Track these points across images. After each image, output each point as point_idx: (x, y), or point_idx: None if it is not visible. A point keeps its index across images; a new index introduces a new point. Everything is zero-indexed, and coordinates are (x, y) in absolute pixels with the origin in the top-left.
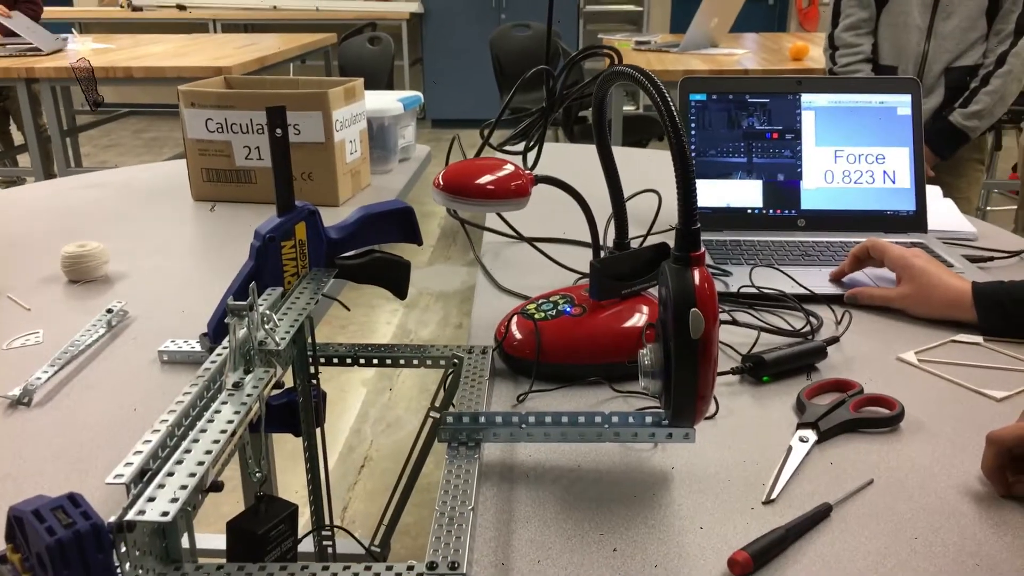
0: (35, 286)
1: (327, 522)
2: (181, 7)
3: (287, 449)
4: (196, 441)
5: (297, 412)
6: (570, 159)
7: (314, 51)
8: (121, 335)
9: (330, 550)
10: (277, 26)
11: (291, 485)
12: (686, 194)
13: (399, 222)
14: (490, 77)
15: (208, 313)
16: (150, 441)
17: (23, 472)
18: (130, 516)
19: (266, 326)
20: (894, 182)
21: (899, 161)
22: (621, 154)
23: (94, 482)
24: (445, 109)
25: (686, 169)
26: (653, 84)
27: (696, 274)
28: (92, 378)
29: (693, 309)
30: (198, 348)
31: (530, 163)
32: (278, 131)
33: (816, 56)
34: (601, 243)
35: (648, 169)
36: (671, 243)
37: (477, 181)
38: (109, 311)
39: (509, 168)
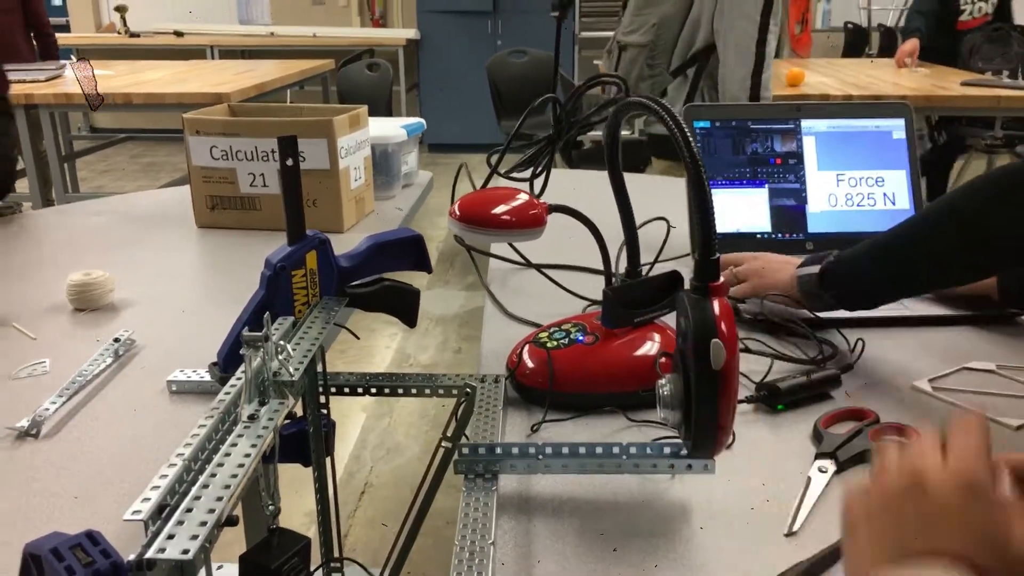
0: (40, 315)
1: (336, 554)
2: (179, 33)
3: (284, 478)
4: (214, 476)
5: (306, 442)
6: (574, 185)
7: (312, 77)
8: (129, 364)
9: None
10: (274, 52)
11: (290, 514)
12: (704, 224)
13: (409, 250)
14: (486, 102)
15: (215, 341)
16: (167, 476)
17: (33, 506)
18: (150, 554)
19: (280, 356)
20: (894, 204)
21: (898, 184)
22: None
23: (107, 516)
24: (442, 134)
25: (704, 199)
26: (669, 114)
27: (716, 305)
28: (101, 409)
29: (714, 340)
30: (207, 378)
31: (537, 190)
32: (289, 160)
33: (813, 82)
34: (612, 271)
35: (651, 195)
36: (680, 270)
37: (494, 211)
38: (116, 340)
39: (523, 198)
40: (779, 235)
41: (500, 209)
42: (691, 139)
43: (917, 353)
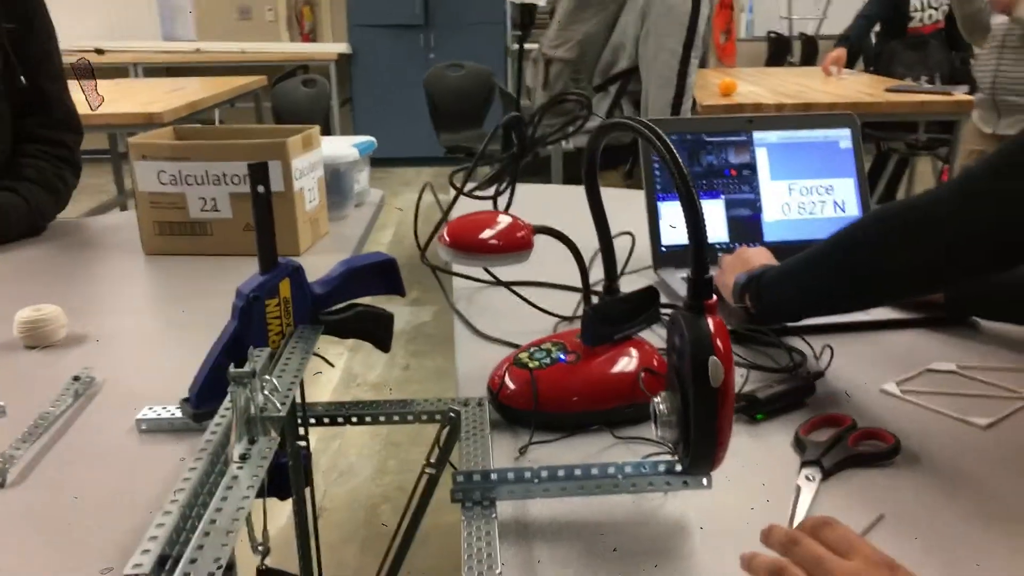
0: None
1: None
2: (99, 51)
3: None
4: (214, 521)
5: (283, 474)
6: (534, 199)
7: (244, 95)
8: (91, 403)
9: None
10: (201, 69)
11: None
12: (697, 244)
13: (382, 275)
14: (421, 116)
15: (180, 375)
16: (163, 524)
17: (11, 562)
18: None
19: (266, 391)
20: (844, 211)
21: (846, 191)
22: (574, 192)
23: (94, 566)
24: (378, 149)
25: (696, 220)
26: (658, 137)
27: (710, 322)
28: (68, 453)
29: (712, 358)
30: (178, 415)
31: (501, 207)
32: (260, 187)
33: (745, 91)
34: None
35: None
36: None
37: (483, 237)
38: (76, 378)
39: (508, 220)
40: (736, 245)
41: (489, 234)
42: (680, 160)
43: (879, 357)
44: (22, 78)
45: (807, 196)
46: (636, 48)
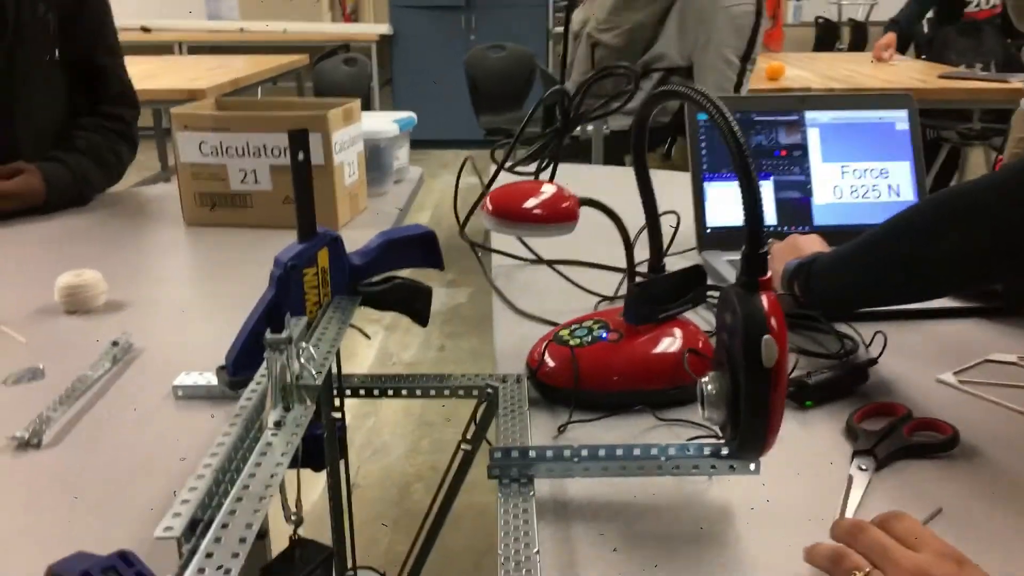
0: (31, 318)
1: (350, 564)
2: (146, 29)
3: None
4: (247, 487)
5: (318, 446)
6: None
7: (285, 73)
8: (129, 368)
9: None
10: (244, 48)
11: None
12: (753, 218)
13: (421, 247)
14: (462, 98)
15: (216, 343)
16: (196, 488)
17: (44, 522)
18: (188, 575)
19: (302, 359)
20: (899, 195)
21: (902, 175)
22: (616, 173)
23: (129, 531)
24: (416, 129)
25: (752, 193)
26: (712, 104)
27: (764, 300)
28: (104, 415)
29: (765, 336)
30: (215, 382)
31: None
32: (300, 155)
33: (793, 76)
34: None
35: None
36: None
37: (527, 206)
38: (115, 343)
39: (553, 189)
40: (785, 228)
41: (532, 202)
42: (737, 131)
43: (934, 346)
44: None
45: (860, 179)
46: (678, 55)
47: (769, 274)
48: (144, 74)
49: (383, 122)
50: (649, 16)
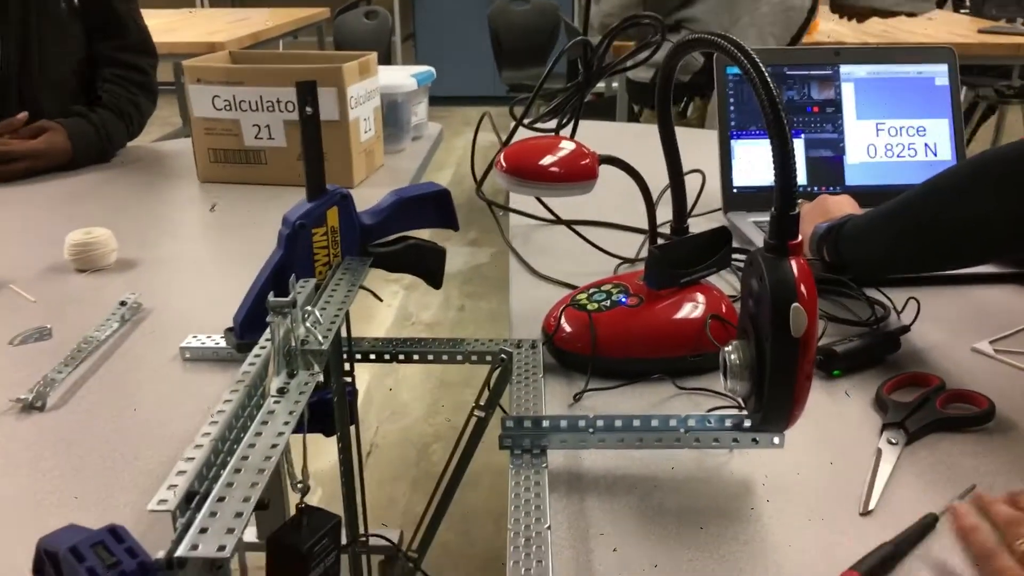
0: (40, 276)
1: (362, 530)
2: None
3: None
4: (246, 458)
5: (328, 411)
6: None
7: (307, 26)
8: (137, 329)
9: (365, 559)
10: (266, 1)
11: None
12: (784, 176)
13: (435, 206)
14: (484, 53)
15: (226, 304)
16: (193, 458)
17: (44, 488)
18: (181, 552)
19: (307, 323)
20: (936, 155)
21: (940, 133)
22: (640, 130)
23: (126, 500)
24: (439, 86)
25: (785, 150)
26: (744, 53)
27: (794, 265)
28: (109, 377)
29: (794, 304)
30: (222, 344)
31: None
32: (308, 108)
33: (826, 30)
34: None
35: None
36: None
37: (543, 163)
38: (123, 303)
39: (571, 146)
40: (815, 188)
41: (549, 160)
42: (771, 84)
43: (970, 313)
44: None
45: (896, 137)
46: (716, 24)
47: (800, 238)
48: (164, 27)
49: (400, 76)
50: None
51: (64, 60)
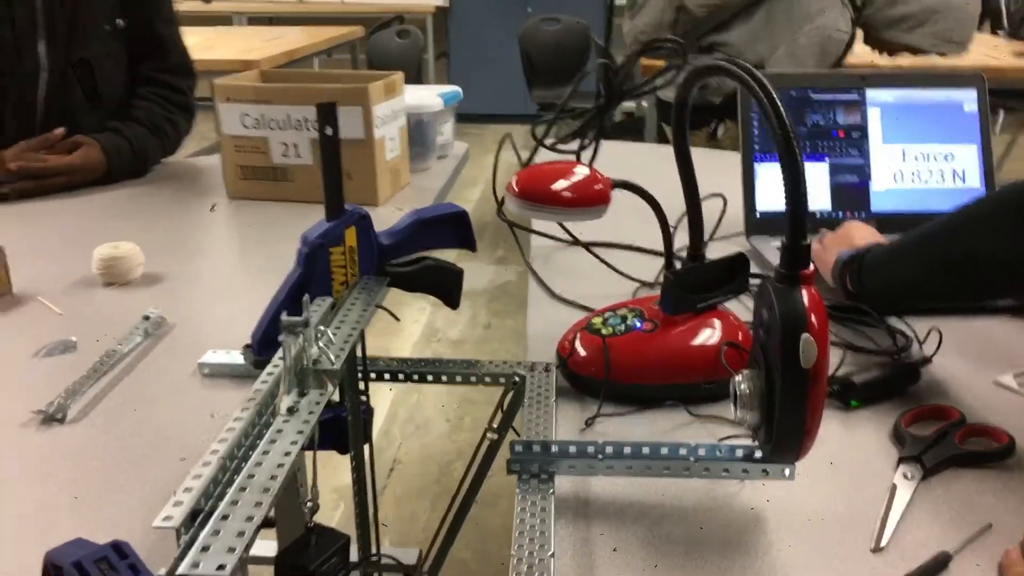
0: (68, 289)
1: (374, 550)
2: (206, 0)
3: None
4: (251, 476)
5: (342, 429)
6: (621, 156)
7: (341, 45)
8: (159, 344)
9: None
10: (302, 19)
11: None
12: (795, 205)
13: (453, 227)
14: (516, 72)
15: (248, 320)
16: (200, 476)
17: (57, 500)
18: (182, 570)
19: (320, 343)
20: (964, 181)
21: (968, 159)
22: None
23: (136, 515)
24: (470, 104)
25: (795, 176)
26: (756, 81)
27: (805, 295)
28: (130, 392)
29: (804, 335)
30: (241, 360)
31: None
32: (328, 129)
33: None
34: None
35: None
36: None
37: (555, 188)
38: (146, 318)
39: (585, 172)
40: (840, 214)
41: (562, 185)
42: (783, 110)
43: (993, 345)
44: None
45: (923, 163)
46: (750, 51)
47: (812, 267)
48: (201, 45)
49: (427, 96)
50: None
51: (106, 81)
